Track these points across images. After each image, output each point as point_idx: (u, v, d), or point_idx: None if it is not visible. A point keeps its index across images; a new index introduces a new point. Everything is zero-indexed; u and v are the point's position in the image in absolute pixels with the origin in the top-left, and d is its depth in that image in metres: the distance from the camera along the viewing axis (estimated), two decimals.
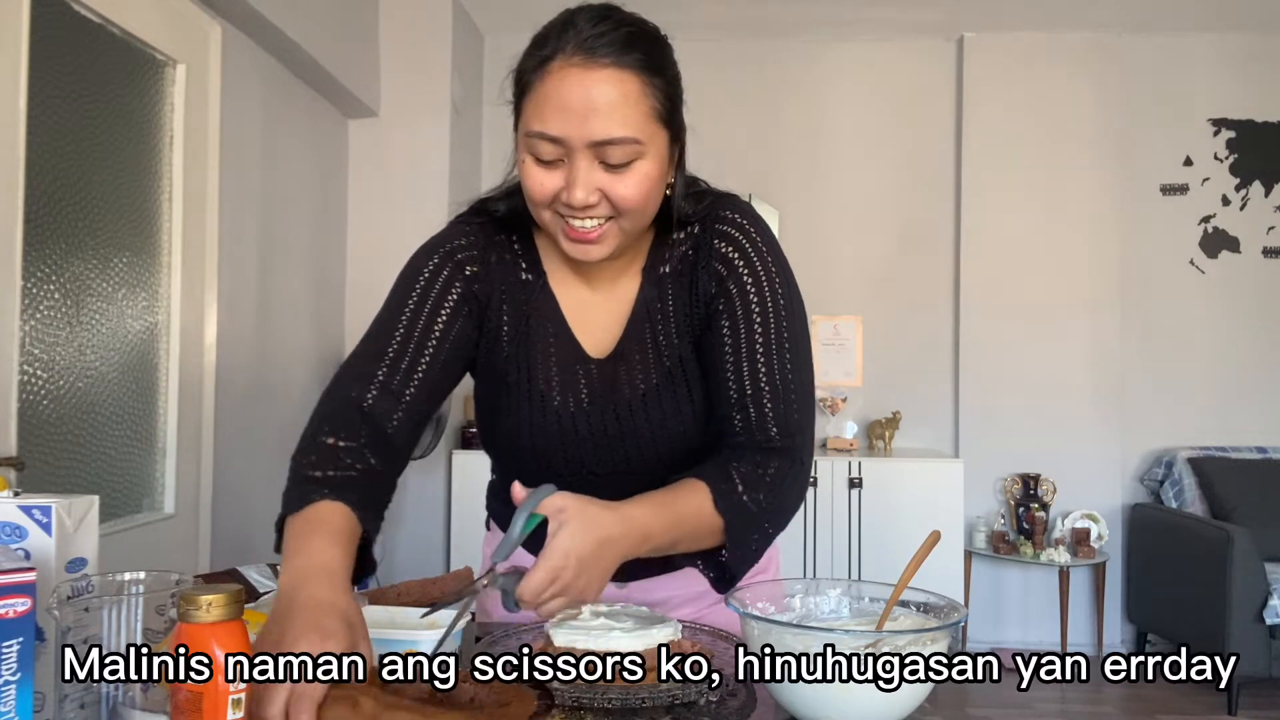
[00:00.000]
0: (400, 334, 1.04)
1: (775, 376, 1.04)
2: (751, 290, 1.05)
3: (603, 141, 0.93)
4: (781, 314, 1.05)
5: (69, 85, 2.12)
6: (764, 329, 1.04)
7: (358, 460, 0.97)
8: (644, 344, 1.09)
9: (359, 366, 1.04)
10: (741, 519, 1.00)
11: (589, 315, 1.11)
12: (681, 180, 1.06)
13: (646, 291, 1.09)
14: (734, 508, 0.99)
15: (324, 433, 0.98)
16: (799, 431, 1.05)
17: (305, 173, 3.40)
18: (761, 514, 1.01)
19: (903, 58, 4.44)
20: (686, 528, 0.98)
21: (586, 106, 0.92)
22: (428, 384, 1.04)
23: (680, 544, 0.99)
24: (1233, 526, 3.61)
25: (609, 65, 0.93)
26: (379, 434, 1.00)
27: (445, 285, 1.07)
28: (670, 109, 0.99)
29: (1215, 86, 4.37)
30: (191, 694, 0.66)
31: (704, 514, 0.98)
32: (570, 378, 1.10)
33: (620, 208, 0.97)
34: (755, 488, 1.01)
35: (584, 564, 0.88)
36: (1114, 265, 4.31)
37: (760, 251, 1.07)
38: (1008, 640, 4.29)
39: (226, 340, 2.77)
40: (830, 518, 3.88)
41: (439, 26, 3.82)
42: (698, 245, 1.08)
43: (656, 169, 0.98)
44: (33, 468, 1.98)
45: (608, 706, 0.87)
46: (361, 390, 1.01)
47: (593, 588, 0.90)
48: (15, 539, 0.82)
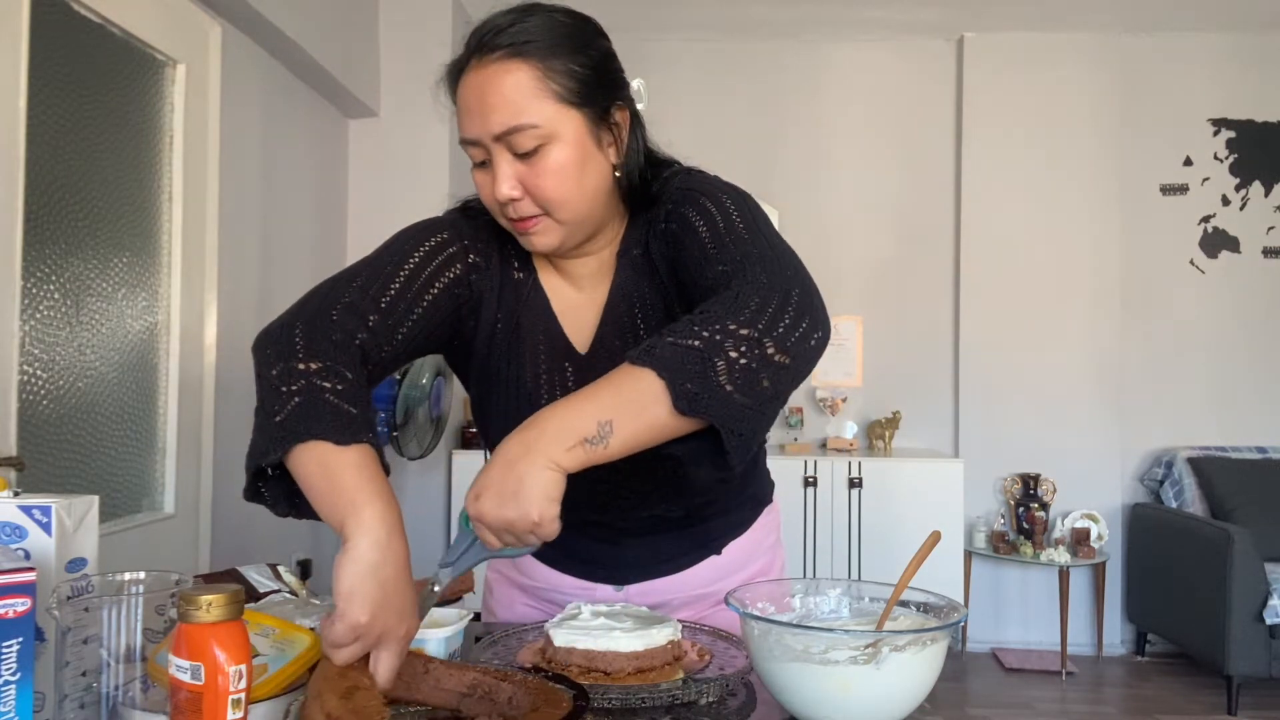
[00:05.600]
0: (396, 288, 1.01)
1: (731, 250, 0.95)
2: (700, 207, 1.01)
3: (503, 133, 0.95)
4: (741, 208, 1.00)
5: (69, 85, 2.12)
6: (724, 218, 0.98)
7: (368, 405, 0.92)
8: (623, 330, 1.09)
9: (355, 300, 0.98)
10: (676, 356, 0.81)
11: (576, 310, 1.11)
12: (635, 160, 1.04)
13: (622, 275, 1.09)
14: (661, 351, 0.81)
15: (340, 360, 0.92)
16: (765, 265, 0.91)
17: (305, 173, 3.40)
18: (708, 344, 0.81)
19: (903, 58, 4.44)
20: (609, 395, 0.81)
21: (483, 102, 0.95)
22: (399, 348, 1.01)
23: (616, 419, 0.80)
24: (1233, 526, 3.61)
25: (499, 58, 0.95)
26: (366, 378, 0.97)
27: (448, 261, 1.06)
28: (582, 89, 0.97)
29: (1215, 86, 4.37)
30: (191, 694, 0.66)
31: (625, 377, 0.82)
32: (557, 374, 1.10)
33: (541, 199, 0.97)
34: (682, 328, 0.83)
35: (495, 491, 0.79)
36: (1114, 265, 4.31)
37: (704, 188, 1.04)
38: (1008, 640, 4.29)
39: (226, 340, 2.77)
40: (830, 518, 3.88)
41: (439, 26, 3.82)
42: (653, 221, 1.08)
43: (572, 153, 0.97)
44: (33, 468, 1.98)
45: (608, 706, 0.87)
46: (356, 326, 0.97)
47: (526, 507, 0.78)
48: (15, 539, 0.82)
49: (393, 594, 0.79)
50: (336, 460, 0.84)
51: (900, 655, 0.81)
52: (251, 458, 0.89)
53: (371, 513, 0.81)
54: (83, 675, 0.77)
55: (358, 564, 0.79)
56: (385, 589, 0.79)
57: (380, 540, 0.80)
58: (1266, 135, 4.36)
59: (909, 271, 4.42)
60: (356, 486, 0.83)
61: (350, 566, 0.78)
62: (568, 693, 0.81)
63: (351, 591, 0.77)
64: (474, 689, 0.82)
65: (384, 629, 0.78)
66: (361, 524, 0.80)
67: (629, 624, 0.95)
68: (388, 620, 0.78)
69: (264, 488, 0.93)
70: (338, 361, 0.92)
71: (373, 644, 0.78)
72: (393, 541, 0.81)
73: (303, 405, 0.87)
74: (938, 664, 0.84)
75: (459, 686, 0.82)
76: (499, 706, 0.81)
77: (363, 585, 0.78)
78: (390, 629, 0.79)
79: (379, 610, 0.78)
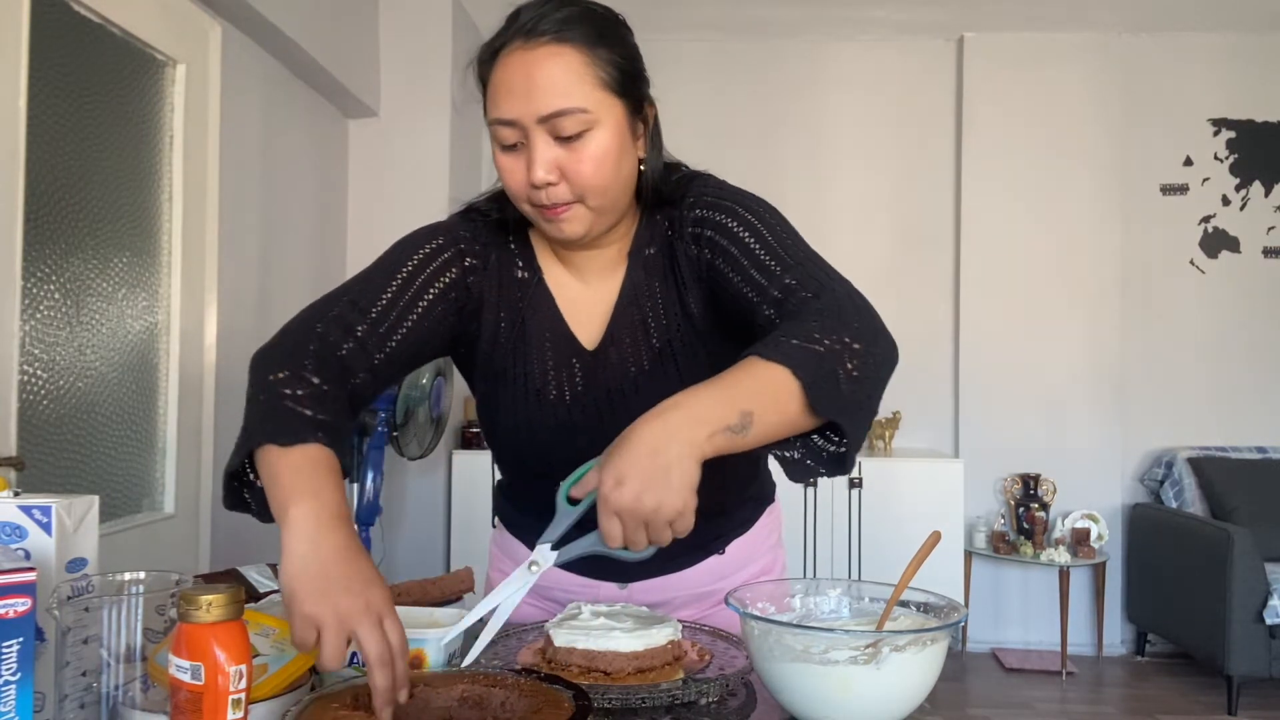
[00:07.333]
0: (387, 298, 1.03)
1: (788, 261, 0.98)
2: (729, 221, 1.04)
3: (550, 115, 0.95)
4: (769, 222, 1.03)
5: (69, 85, 2.12)
6: (755, 236, 1.02)
7: (338, 409, 0.95)
8: (633, 327, 1.10)
9: (340, 314, 1.01)
10: (806, 360, 0.83)
11: (583, 308, 1.12)
12: (656, 158, 1.07)
13: (633, 274, 1.10)
14: (790, 351, 0.83)
15: (307, 369, 0.95)
16: (840, 284, 0.96)
17: (305, 173, 3.40)
18: (829, 353, 0.84)
19: (903, 58, 4.44)
20: (748, 386, 0.82)
21: (530, 84, 0.95)
22: (396, 355, 1.03)
23: (756, 410, 0.80)
24: (1233, 526, 3.61)
25: (548, 42, 0.96)
26: (349, 386, 0.99)
27: (442, 266, 1.07)
28: (623, 79, 0.99)
29: (1215, 86, 4.37)
30: (191, 694, 0.66)
31: (760, 370, 0.83)
32: (565, 370, 1.10)
33: (578, 185, 0.98)
34: (804, 334, 0.86)
35: (640, 477, 0.77)
36: (1114, 265, 4.31)
37: (727, 198, 1.07)
38: (1008, 640, 4.29)
39: (226, 340, 2.77)
40: (830, 518, 3.88)
41: (439, 26, 3.82)
42: (674, 224, 1.09)
43: (613, 140, 0.98)
44: (33, 468, 1.98)
45: (608, 706, 0.87)
46: (340, 338, 0.99)
47: (670, 495, 0.76)
48: (15, 539, 0.82)
49: (335, 575, 0.78)
50: (278, 463, 0.87)
51: (900, 655, 0.81)
52: (227, 467, 0.92)
53: (298, 511, 0.82)
54: (83, 675, 0.77)
55: (289, 561, 0.79)
56: (324, 573, 0.78)
57: (308, 533, 0.81)
58: (1266, 135, 4.36)
59: (909, 271, 4.42)
60: (290, 486, 0.84)
61: (284, 566, 0.79)
62: (567, 694, 0.80)
63: (290, 589, 0.78)
64: (463, 700, 0.81)
65: (339, 609, 0.76)
66: (289, 523, 0.82)
67: (629, 624, 0.95)
68: (338, 600, 0.77)
69: (249, 496, 0.95)
70: (306, 370, 0.94)
71: (339, 629, 0.76)
72: (322, 532, 0.81)
73: (261, 412, 0.91)
74: (938, 664, 0.84)
75: (448, 702, 0.81)
76: (491, 712, 0.79)
77: (299, 578, 0.78)
78: (347, 607, 0.77)
79: (323, 594, 0.77)
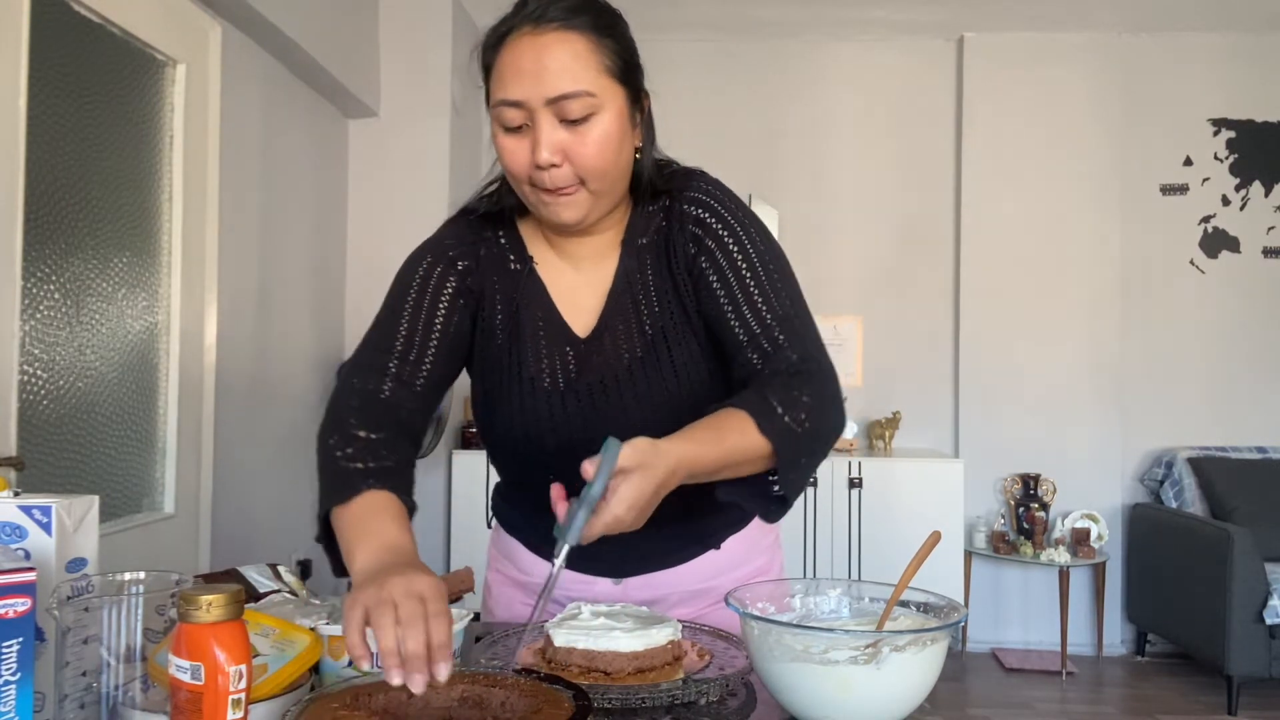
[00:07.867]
0: (404, 329, 1.09)
1: (778, 310, 1.06)
2: (729, 241, 1.09)
3: (558, 97, 0.98)
4: (765, 256, 1.09)
5: (69, 85, 2.12)
6: (751, 272, 1.07)
7: (391, 450, 1.01)
8: (626, 315, 1.11)
9: (370, 361, 1.08)
10: (787, 441, 0.97)
11: (575, 296, 1.13)
12: (650, 148, 1.10)
13: (626, 263, 1.12)
14: (779, 430, 0.97)
15: (353, 425, 1.02)
16: (818, 353, 1.06)
17: (305, 173, 3.40)
18: (805, 435, 0.98)
19: (903, 58, 4.43)
20: (734, 458, 0.96)
21: (539, 66, 0.98)
22: (434, 375, 1.10)
23: (723, 473, 0.97)
24: (1233, 526, 3.61)
25: (557, 28, 0.99)
26: (400, 423, 1.05)
27: (440, 280, 1.11)
28: (624, 67, 1.03)
29: (1215, 86, 4.37)
30: (191, 694, 0.66)
31: (748, 440, 0.96)
32: (559, 359, 1.12)
33: (583, 168, 1.01)
34: (794, 409, 0.98)
35: (639, 508, 0.89)
36: (1114, 265, 4.31)
37: (730, 209, 1.11)
38: (1008, 640, 4.29)
39: (226, 340, 2.77)
40: (830, 518, 3.88)
41: (439, 26, 3.82)
42: (669, 214, 1.12)
43: (616, 125, 1.01)
44: (33, 468, 1.98)
45: (608, 707, 0.87)
46: (378, 383, 1.06)
47: (639, 522, 0.90)
48: (15, 539, 0.82)
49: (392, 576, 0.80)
50: (341, 519, 0.95)
51: (900, 655, 0.81)
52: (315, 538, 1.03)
53: (361, 554, 0.89)
54: (83, 675, 0.77)
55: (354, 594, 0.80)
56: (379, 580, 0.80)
57: (369, 569, 0.85)
58: (1266, 135, 4.36)
59: (909, 271, 4.42)
60: (352, 537, 0.92)
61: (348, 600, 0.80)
62: (567, 694, 0.80)
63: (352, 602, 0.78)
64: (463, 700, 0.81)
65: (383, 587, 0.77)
66: (354, 568, 0.88)
67: (629, 624, 0.95)
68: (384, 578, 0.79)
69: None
70: (352, 427, 1.02)
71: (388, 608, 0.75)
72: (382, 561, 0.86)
73: (323, 479, 1.01)
74: (938, 664, 0.84)
75: (448, 702, 0.81)
76: (491, 712, 0.79)
77: (359, 593, 0.79)
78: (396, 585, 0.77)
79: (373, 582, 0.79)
